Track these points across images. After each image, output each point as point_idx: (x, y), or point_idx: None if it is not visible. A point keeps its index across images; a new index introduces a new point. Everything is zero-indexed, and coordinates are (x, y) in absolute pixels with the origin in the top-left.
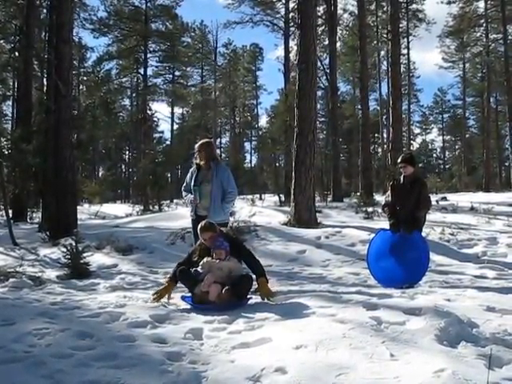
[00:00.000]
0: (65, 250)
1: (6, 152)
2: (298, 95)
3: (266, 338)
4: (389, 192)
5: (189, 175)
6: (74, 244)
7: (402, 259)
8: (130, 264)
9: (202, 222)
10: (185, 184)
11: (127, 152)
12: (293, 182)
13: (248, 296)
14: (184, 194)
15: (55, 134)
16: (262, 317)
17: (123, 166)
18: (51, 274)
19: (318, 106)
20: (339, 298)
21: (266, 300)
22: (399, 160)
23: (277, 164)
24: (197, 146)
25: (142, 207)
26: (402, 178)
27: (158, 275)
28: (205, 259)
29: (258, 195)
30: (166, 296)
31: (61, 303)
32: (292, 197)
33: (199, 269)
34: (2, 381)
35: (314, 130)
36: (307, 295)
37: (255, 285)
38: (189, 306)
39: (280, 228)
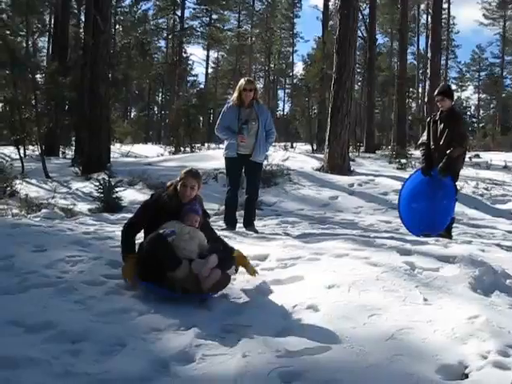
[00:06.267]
0: (97, 184)
1: (42, 85)
2: (338, 41)
3: (299, 276)
4: (425, 132)
5: (227, 113)
6: (106, 178)
7: (434, 205)
8: None
9: (194, 168)
10: (220, 122)
11: (160, 94)
12: (328, 128)
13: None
14: (222, 132)
15: (92, 69)
16: (294, 255)
17: (156, 108)
18: (83, 207)
19: None
20: (372, 242)
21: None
22: (435, 92)
23: (310, 113)
24: (247, 84)
25: (173, 149)
26: (438, 114)
27: None
28: (173, 222)
29: (289, 143)
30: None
31: (93, 233)
32: (326, 143)
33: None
34: (34, 303)
35: (352, 77)
36: (340, 238)
37: None
38: None
39: (313, 173)
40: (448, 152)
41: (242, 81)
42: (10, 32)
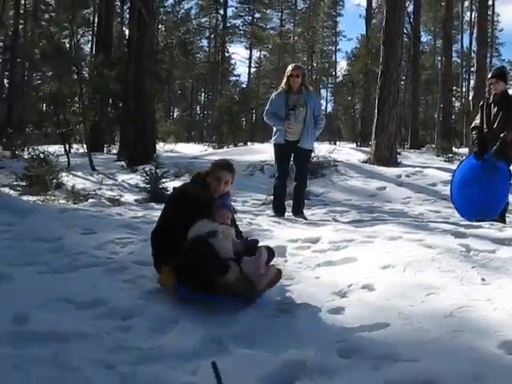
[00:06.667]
0: (144, 174)
1: (87, 79)
2: (385, 31)
3: (352, 257)
4: (478, 115)
5: (275, 99)
6: (153, 169)
7: (487, 189)
8: None
9: (228, 160)
10: (268, 108)
11: (203, 94)
12: (374, 120)
13: None
14: (270, 118)
15: (136, 63)
16: (346, 238)
17: (198, 108)
18: (129, 197)
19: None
20: (425, 226)
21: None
22: (489, 75)
23: (354, 109)
24: (294, 69)
25: (216, 145)
26: (491, 97)
27: (236, 203)
28: (205, 221)
29: (332, 142)
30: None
31: (142, 217)
32: (373, 135)
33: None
34: (84, 282)
35: (398, 69)
36: (392, 222)
37: None
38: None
39: (360, 165)
40: (502, 135)
41: (290, 67)
42: (54, 27)
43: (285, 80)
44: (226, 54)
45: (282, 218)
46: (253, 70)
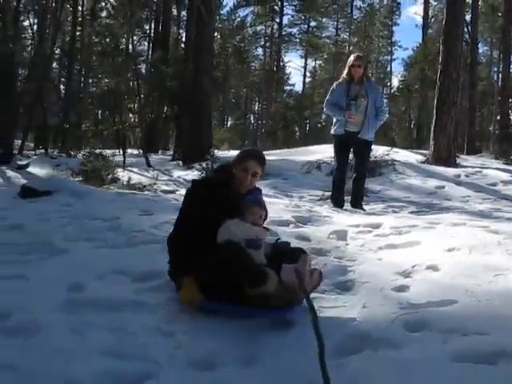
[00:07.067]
0: (200, 168)
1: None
2: (444, 31)
3: (415, 241)
4: None
5: (336, 89)
6: (209, 163)
7: None
8: (265, 188)
9: (258, 149)
10: (328, 98)
11: (257, 103)
12: (433, 120)
13: None
14: (330, 108)
15: (194, 60)
16: (409, 224)
17: (252, 118)
18: (184, 192)
19: None
20: (490, 215)
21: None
22: None
23: (407, 120)
24: (355, 60)
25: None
26: None
27: (293, 198)
28: (236, 220)
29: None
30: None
31: None
32: (432, 135)
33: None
34: (142, 257)
35: (458, 68)
36: (454, 211)
37: None
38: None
39: (418, 165)
40: None
41: (352, 57)
42: (113, 26)
43: (346, 70)
44: (281, 63)
45: (340, 210)
46: (308, 79)
